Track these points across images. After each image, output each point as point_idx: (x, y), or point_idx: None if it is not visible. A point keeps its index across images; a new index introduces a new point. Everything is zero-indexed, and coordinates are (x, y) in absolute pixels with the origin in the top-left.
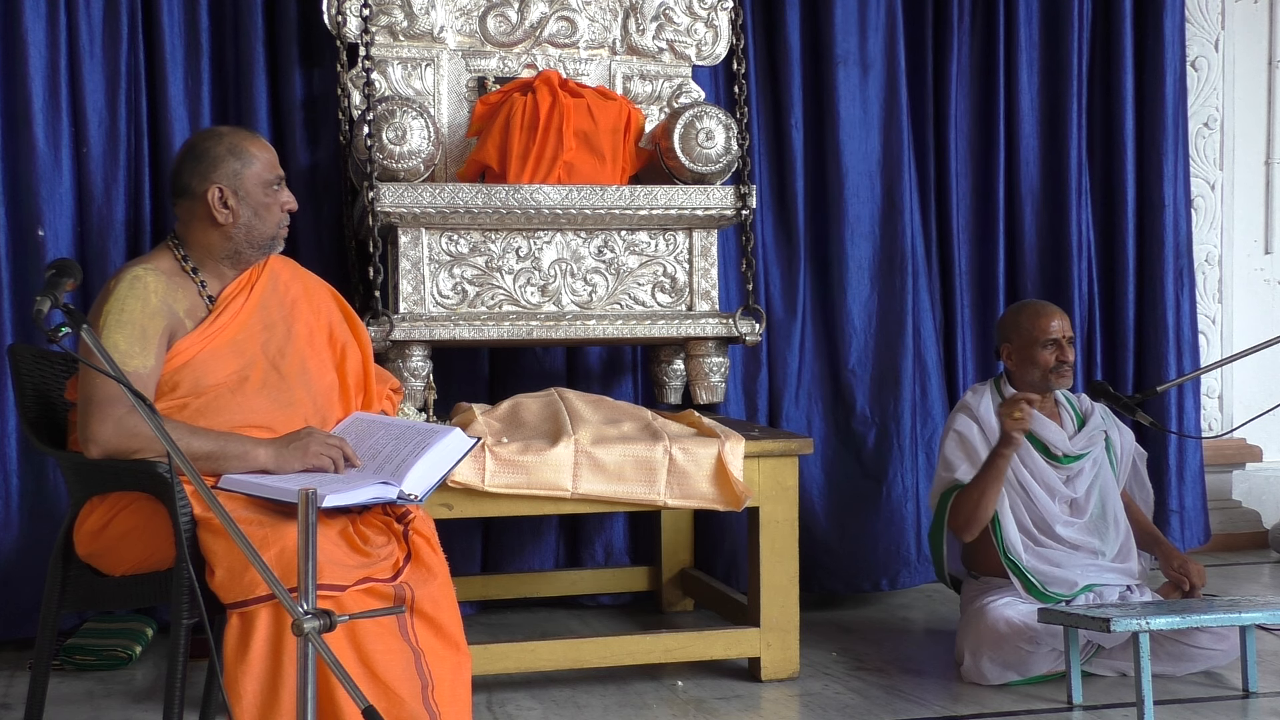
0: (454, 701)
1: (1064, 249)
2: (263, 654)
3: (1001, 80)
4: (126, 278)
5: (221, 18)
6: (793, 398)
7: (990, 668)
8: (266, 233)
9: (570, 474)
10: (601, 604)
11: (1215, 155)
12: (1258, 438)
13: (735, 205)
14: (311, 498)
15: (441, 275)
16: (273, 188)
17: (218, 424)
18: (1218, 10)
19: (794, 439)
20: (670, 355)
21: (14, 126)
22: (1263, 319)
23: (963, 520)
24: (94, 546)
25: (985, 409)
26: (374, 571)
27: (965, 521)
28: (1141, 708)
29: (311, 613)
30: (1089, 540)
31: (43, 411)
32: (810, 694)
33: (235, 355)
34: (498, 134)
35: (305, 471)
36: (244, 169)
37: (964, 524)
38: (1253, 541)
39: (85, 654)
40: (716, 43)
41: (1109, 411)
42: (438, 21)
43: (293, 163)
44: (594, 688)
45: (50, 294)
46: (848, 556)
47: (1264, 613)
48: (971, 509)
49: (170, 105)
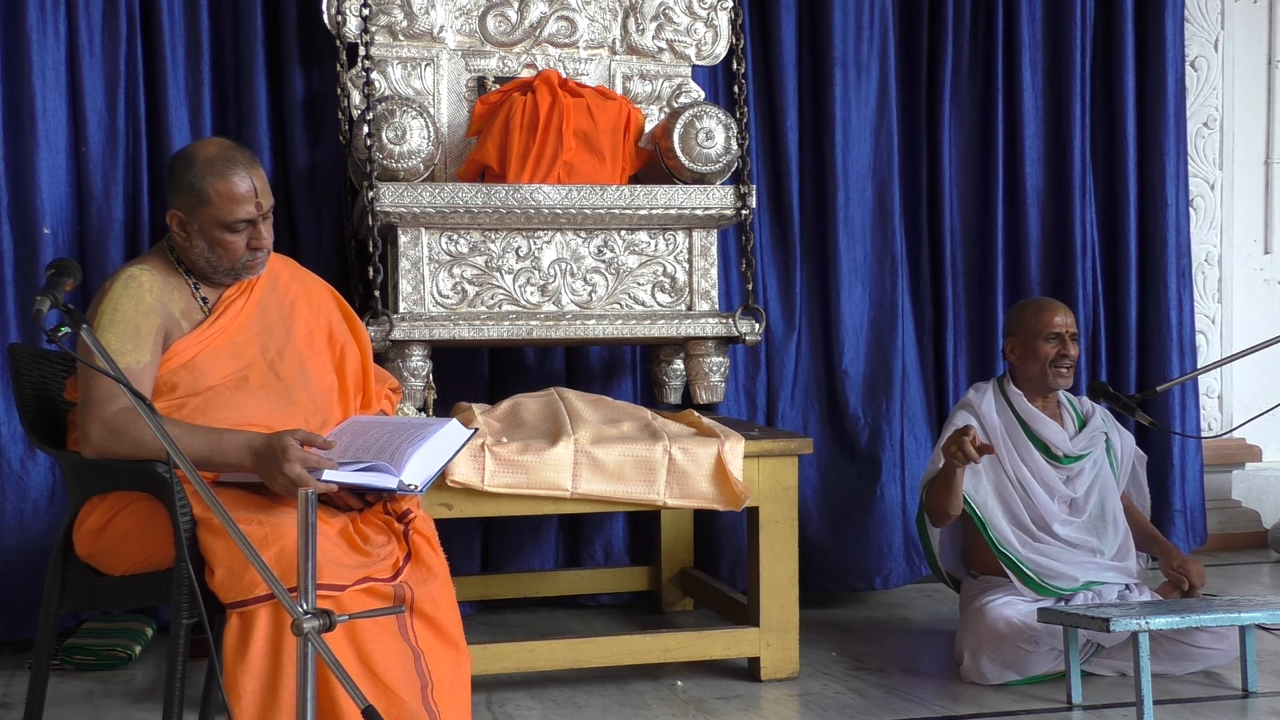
0: (453, 701)
1: (1069, 248)
2: (262, 653)
3: (1001, 81)
4: (122, 277)
5: (221, 17)
6: (789, 398)
7: (990, 667)
8: (223, 266)
9: (570, 474)
10: (601, 604)
11: (1215, 155)
12: (1257, 438)
13: (735, 205)
14: (311, 498)
15: (441, 275)
16: (231, 230)
17: (216, 423)
18: (1217, 10)
19: (794, 439)
20: (670, 355)
21: (18, 125)
22: (1263, 319)
23: (931, 509)
24: (94, 546)
25: (987, 406)
26: (374, 571)
27: (931, 511)
28: (1141, 707)
29: (311, 613)
30: (1087, 539)
31: (43, 411)
32: (810, 694)
33: (234, 357)
34: (497, 134)
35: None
36: (199, 206)
37: (931, 513)
38: (1252, 541)
39: (85, 654)
40: (716, 42)
41: (1109, 414)
42: (437, 21)
43: (293, 163)
44: (594, 688)
45: (50, 294)
46: (841, 555)
47: (1264, 613)
48: (934, 501)
49: (170, 105)
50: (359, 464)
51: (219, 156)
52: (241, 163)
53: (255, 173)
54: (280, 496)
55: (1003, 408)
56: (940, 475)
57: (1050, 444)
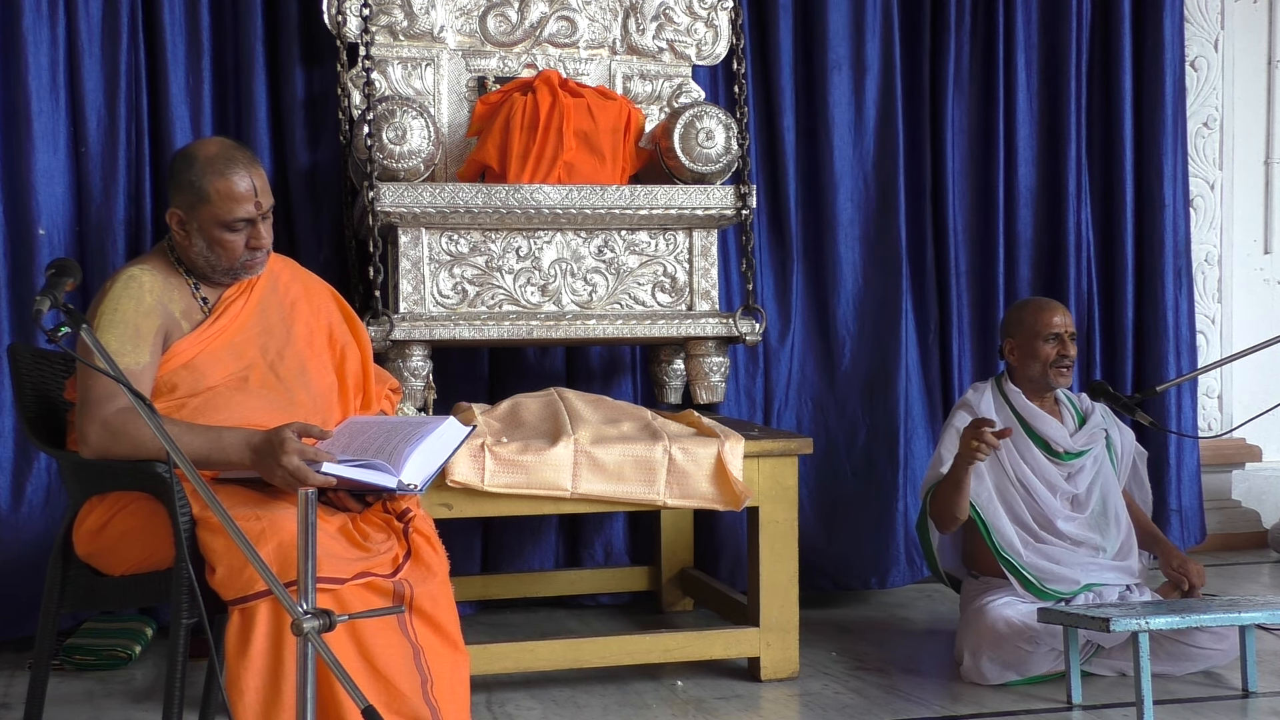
0: (453, 699)
1: (1062, 249)
2: (264, 650)
3: (1001, 81)
4: (122, 277)
5: (222, 17)
6: (788, 398)
7: (990, 667)
8: (222, 265)
9: (570, 474)
10: (601, 604)
11: (1215, 155)
12: (1257, 438)
13: (735, 205)
14: (311, 498)
15: (442, 275)
16: (231, 229)
17: (215, 423)
18: (1217, 10)
19: (793, 439)
20: (670, 355)
21: (13, 125)
22: (1263, 319)
23: (935, 515)
24: (93, 546)
25: (986, 406)
26: (373, 566)
27: (938, 517)
28: (1141, 708)
29: (311, 613)
30: (1090, 536)
31: (42, 411)
32: (810, 694)
33: (234, 358)
34: (498, 134)
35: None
36: (199, 205)
37: (937, 519)
38: (1252, 541)
39: (85, 654)
40: (716, 42)
41: (1109, 411)
42: (438, 21)
43: (293, 162)
44: (594, 688)
45: (50, 294)
46: (841, 556)
47: (1264, 613)
48: (940, 507)
49: (170, 104)
50: (358, 460)
51: (219, 155)
52: (242, 162)
53: (255, 172)
54: (279, 490)
55: (1001, 406)
56: (949, 478)
57: (1050, 441)
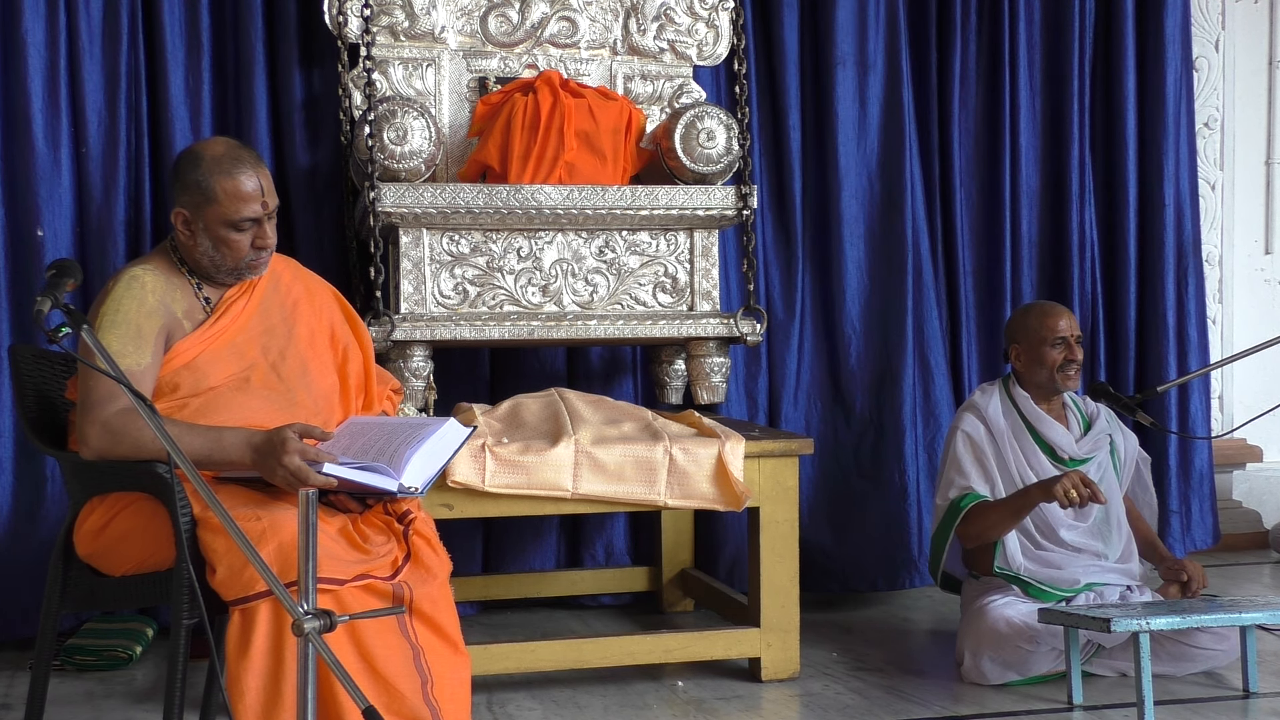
0: (453, 700)
1: (1065, 249)
2: (264, 650)
3: (1007, 79)
4: (124, 278)
5: (222, 17)
6: (791, 398)
7: (990, 668)
8: (227, 265)
9: (570, 474)
10: (602, 604)
11: (1215, 155)
12: (1258, 438)
13: (736, 205)
14: (311, 498)
15: (443, 275)
16: (237, 228)
17: (217, 424)
18: (1218, 10)
19: (794, 439)
20: (671, 355)
21: (13, 126)
22: (1263, 319)
23: (974, 534)
24: (94, 547)
25: (994, 409)
26: (373, 568)
27: (977, 536)
28: (1142, 708)
29: (312, 613)
30: (1092, 543)
31: (43, 411)
32: (811, 694)
33: (235, 358)
34: (499, 134)
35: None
36: (206, 204)
37: (974, 537)
38: (1253, 542)
39: (85, 654)
40: (718, 43)
41: (1113, 415)
42: (439, 22)
43: (293, 163)
44: (594, 688)
45: (51, 294)
46: (844, 557)
47: (1264, 613)
48: (988, 530)
49: (170, 105)
50: (359, 462)
51: (226, 155)
52: (248, 162)
53: (261, 172)
54: (280, 491)
55: (1009, 410)
56: (1010, 505)
57: (1056, 447)
